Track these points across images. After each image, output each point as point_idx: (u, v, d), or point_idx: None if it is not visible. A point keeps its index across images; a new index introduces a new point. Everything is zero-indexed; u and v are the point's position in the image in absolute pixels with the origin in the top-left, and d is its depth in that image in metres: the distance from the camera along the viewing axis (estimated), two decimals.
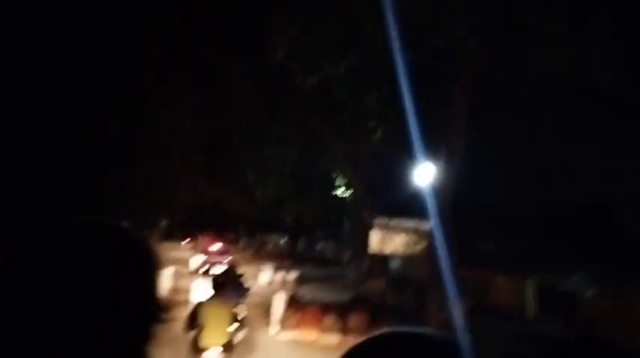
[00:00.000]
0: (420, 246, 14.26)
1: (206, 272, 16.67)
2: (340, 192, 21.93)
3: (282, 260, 39.35)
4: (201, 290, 11.64)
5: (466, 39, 9.66)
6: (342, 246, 39.77)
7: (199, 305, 7.53)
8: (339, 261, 38.94)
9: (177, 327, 7.44)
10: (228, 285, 8.94)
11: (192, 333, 7.32)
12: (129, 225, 0.95)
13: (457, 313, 14.39)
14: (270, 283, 23.97)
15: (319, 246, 49.77)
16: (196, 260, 26.95)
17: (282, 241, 50.03)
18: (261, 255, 44.14)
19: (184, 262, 29.46)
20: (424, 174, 14.71)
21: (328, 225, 41.67)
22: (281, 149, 24.91)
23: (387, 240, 14.69)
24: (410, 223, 14.64)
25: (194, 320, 7.33)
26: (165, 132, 27.03)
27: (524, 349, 14.68)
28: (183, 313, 7.70)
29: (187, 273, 23.87)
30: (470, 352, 0.73)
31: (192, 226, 41.18)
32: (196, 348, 7.32)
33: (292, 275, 24.42)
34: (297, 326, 12.79)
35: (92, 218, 0.86)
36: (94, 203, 28.76)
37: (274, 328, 13.24)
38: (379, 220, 15.16)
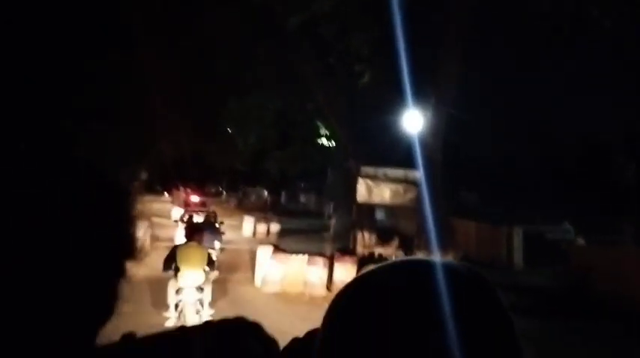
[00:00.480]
0: (409, 196, 13.69)
1: (187, 221, 17.08)
2: (324, 141, 21.18)
3: (265, 212, 38.96)
4: (181, 237, 11.60)
5: None
6: (325, 197, 39.34)
7: (176, 247, 8.13)
8: (322, 213, 38.59)
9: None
10: (205, 231, 9.55)
11: (170, 272, 7.77)
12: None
13: None
14: (253, 235, 23.49)
15: (302, 198, 49.38)
16: (177, 211, 26.44)
17: (265, 193, 49.53)
18: (244, 208, 43.65)
19: (165, 213, 28.90)
20: (413, 122, 14.08)
21: (311, 176, 41.24)
22: (262, 96, 24.13)
23: (374, 190, 14.09)
24: (398, 172, 14.02)
25: (171, 260, 7.79)
26: (144, 81, 25.91)
27: (513, 299, 14.41)
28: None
29: (168, 224, 23.39)
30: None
31: (173, 179, 40.37)
32: (175, 286, 7.81)
33: (275, 227, 23.94)
34: (282, 278, 12.27)
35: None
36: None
37: (259, 281, 12.72)
38: (366, 169, 14.51)
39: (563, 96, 14.92)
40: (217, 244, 14.24)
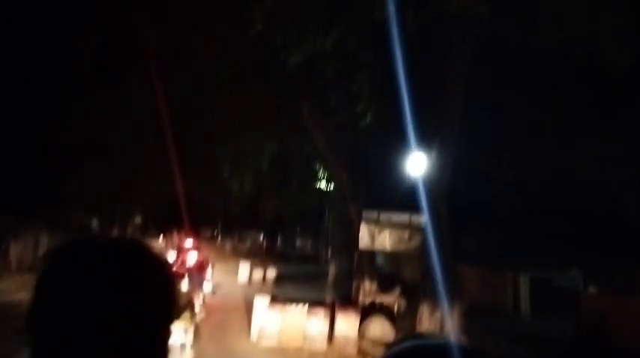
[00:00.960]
0: (414, 243, 12.93)
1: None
2: (322, 184, 20.53)
3: (261, 257, 38.01)
4: None
5: (478, 4, 8.37)
6: (322, 242, 38.45)
7: None
8: (319, 257, 37.69)
9: None
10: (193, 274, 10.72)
11: None
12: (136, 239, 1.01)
13: (453, 314, 13.17)
14: (249, 282, 22.57)
15: (299, 242, 48.47)
16: (171, 256, 25.47)
17: (261, 238, 48.61)
18: (239, 252, 42.68)
19: None
20: (416, 165, 13.42)
21: (308, 220, 40.35)
22: (258, 138, 23.55)
23: (378, 236, 13.33)
24: (402, 217, 13.30)
25: None
26: (135, 121, 25.38)
27: (523, 351, 13.52)
28: None
29: None
30: None
31: (167, 223, 39.53)
32: None
33: (272, 273, 23.05)
34: (280, 331, 11.39)
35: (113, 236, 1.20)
36: (63, 199, 27.05)
37: (255, 334, 11.82)
38: (368, 214, 13.79)
39: (572, 136, 14.32)
40: (207, 287, 15.16)
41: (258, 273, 22.66)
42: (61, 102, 25.30)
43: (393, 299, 17.58)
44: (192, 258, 17.16)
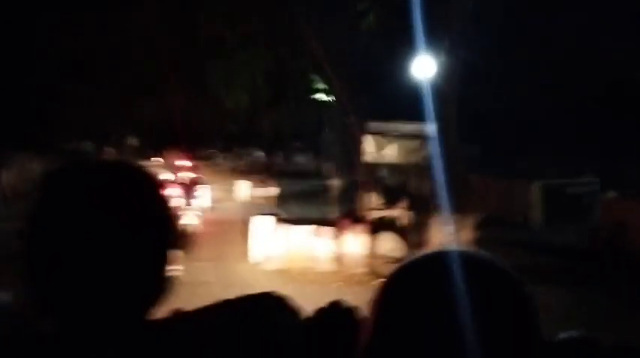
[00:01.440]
0: (423, 153, 12.00)
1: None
2: (322, 96, 19.30)
3: (260, 174, 37.27)
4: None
5: None
6: (323, 157, 37.57)
7: None
8: (320, 173, 36.92)
9: None
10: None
11: None
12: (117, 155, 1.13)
13: (465, 226, 12.49)
14: (249, 200, 21.88)
15: (298, 159, 47.65)
16: (165, 174, 24.77)
17: (259, 155, 47.75)
18: (238, 171, 41.92)
19: None
20: (423, 69, 12.28)
21: (307, 136, 39.35)
22: (250, 51, 22.24)
23: (385, 148, 12.39)
24: (410, 127, 12.28)
25: None
26: (123, 37, 23.87)
27: (539, 262, 12.90)
28: None
29: None
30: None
31: (162, 143, 38.58)
32: None
33: (272, 190, 22.30)
34: (284, 253, 10.69)
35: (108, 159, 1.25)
36: (55, 122, 25.89)
37: (255, 255, 11.11)
38: (374, 125, 12.77)
39: (592, 34, 13.05)
40: (204, 202, 15.74)
41: (258, 191, 21.91)
42: (43, 16, 23.72)
43: (400, 213, 16.92)
44: (185, 175, 17.88)
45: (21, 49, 23.19)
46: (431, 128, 11.84)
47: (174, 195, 14.52)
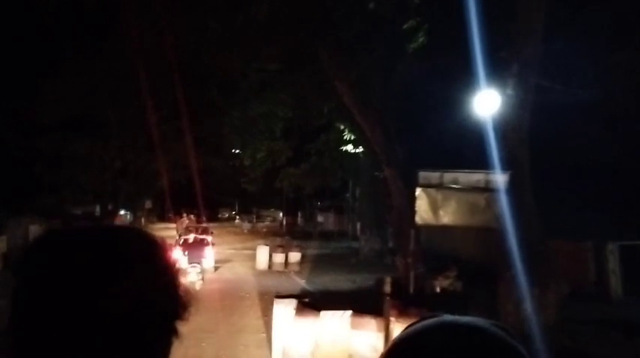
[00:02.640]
0: (490, 211, 9.02)
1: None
2: (349, 148, 16.50)
3: (281, 236, 34.42)
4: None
5: None
6: (346, 217, 34.62)
7: None
8: (344, 234, 33.88)
9: None
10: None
11: None
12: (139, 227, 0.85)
13: (544, 301, 9.38)
14: (269, 267, 18.91)
15: (320, 219, 44.66)
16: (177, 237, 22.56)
17: (280, 215, 44.94)
18: (258, 233, 39.12)
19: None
20: (485, 105, 9.50)
21: (329, 194, 36.43)
22: (267, 97, 19.74)
23: (443, 205, 9.46)
24: (476, 177, 9.36)
25: None
26: (131, 93, 21.64)
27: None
28: None
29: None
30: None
31: (178, 205, 36.06)
32: None
33: (295, 255, 19.33)
34: (313, 350, 7.65)
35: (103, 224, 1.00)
36: (62, 184, 23.48)
37: (277, 354, 8.03)
38: (425, 175, 9.86)
39: None
40: (207, 263, 15.29)
41: (279, 257, 18.98)
42: (45, 74, 21.74)
43: (448, 283, 13.86)
44: (195, 237, 18.22)
45: (25, 111, 21.00)
46: (499, 178, 8.93)
47: (180, 257, 14.98)
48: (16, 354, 0.71)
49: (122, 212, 34.14)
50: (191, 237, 18.68)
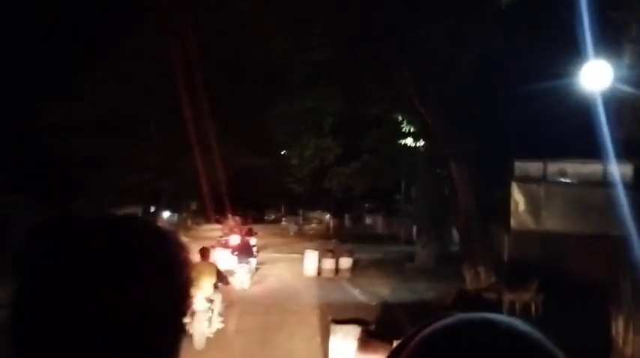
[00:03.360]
0: (608, 214, 6.89)
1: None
2: (409, 141, 14.44)
3: (328, 239, 32.60)
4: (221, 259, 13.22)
5: None
6: (397, 219, 32.52)
7: (195, 264, 8.11)
8: (395, 236, 31.79)
9: None
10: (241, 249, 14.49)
11: None
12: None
13: None
14: (318, 273, 17.10)
15: (368, 221, 42.62)
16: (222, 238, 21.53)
17: (327, 217, 43.11)
18: (304, 235, 37.39)
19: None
20: (595, 80, 7.39)
21: (377, 194, 34.23)
22: (315, 96, 18.04)
23: (547, 205, 7.38)
24: (590, 168, 7.24)
25: None
26: (167, 89, 20.23)
27: None
28: None
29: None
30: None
31: (222, 206, 34.69)
32: None
33: (344, 262, 17.43)
34: None
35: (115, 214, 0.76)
36: (100, 185, 22.24)
37: None
38: (525, 166, 7.79)
39: None
40: (247, 266, 14.30)
41: (328, 263, 17.12)
42: (81, 69, 20.52)
43: (529, 296, 11.74)
44: (235, 239, 17.60)
45: (60, 109, 19.79)
46: (619, 169, 6.81)
47: (224, 257, 14.87)
48: (17, 353, 0.65)
49: (167, 213, 32.92)
50: (235, 238, 18.07)
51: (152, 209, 24.44)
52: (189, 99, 20.98)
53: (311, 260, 17.14)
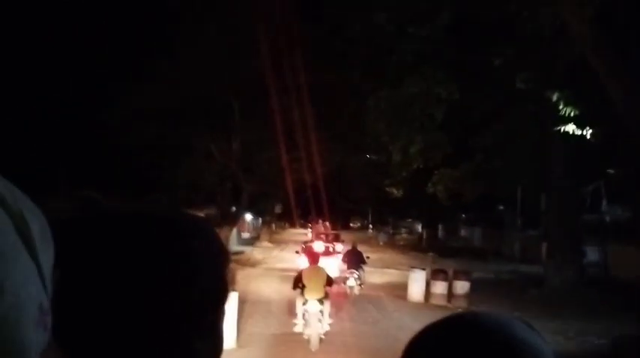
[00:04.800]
0: None
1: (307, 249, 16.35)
2: (570, 128, 10.15)
3: (421, 252, 28.45)
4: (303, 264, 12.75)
5: None
6: (506, 232, 27.70)
7: (302, 270, 9.54)
8: (498, 253, 27.00)
9: None
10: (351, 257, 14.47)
11: (298, 290, 9.09)
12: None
13: None
14: (425, 300, 13.16)
15: (463, 232, 37.80)
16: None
17: (418, 227, 38.81)
18: (395, 246, 33.40)
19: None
20: None
21: (477, 203, 29.55)
22: (426, 78, 14.44)
23: None
24: None
25: (298, 281, 9.13)
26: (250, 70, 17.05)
27: None
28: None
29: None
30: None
31: (307, 211, 31.42)
32: (302, 300, 8.96)
33: (462, 286, 13.38)
34: None
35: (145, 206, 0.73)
36: (172, 183, 19.37)
37: None
38: None
39: None
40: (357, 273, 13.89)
41: (439, 286, 13.06)
42: (159, 53, 17.78)
43: None
44: (319, 246, 17.23)
45: (135, 97, 17.04)
46: None
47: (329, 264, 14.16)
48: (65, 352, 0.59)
49: (249, 216, 29.93)
50: (319, 244, 17.69)
51: (232, 210, 21.27)
52: (276, 86, 17.66)
53: (418, 282, 13.25)
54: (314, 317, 8.65)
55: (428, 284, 13.38)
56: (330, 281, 9.21)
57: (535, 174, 17.87)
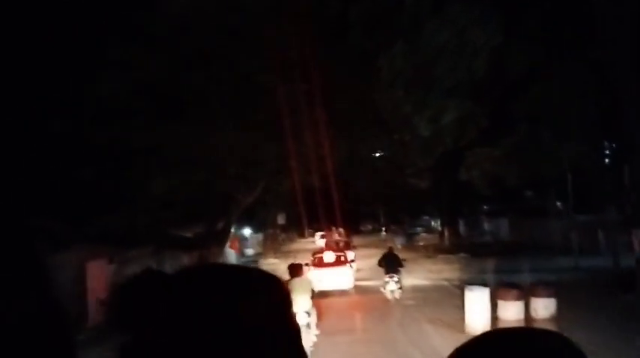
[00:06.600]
0: None
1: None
2: None
3: (447, 253, 24.00)
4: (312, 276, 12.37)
5: None
6: (554, 223, 22.98)
7: (287, 282, 8.29)
8: (545, 247, 22.27)
9: None
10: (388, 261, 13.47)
11: None
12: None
13: None
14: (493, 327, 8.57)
15: (487, 226, 33.13)
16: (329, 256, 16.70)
17: (436, 224, 34.22)
18: (415, 247, 28.83)
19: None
20: None
21: (505, 191, 24.89)
22: (456, 22, 10.19)
23: None
24: None
25: None
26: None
27: None
28: None
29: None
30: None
31: (312, 218, 27.00)
32: None
33: (545, 305, 8.83)
34: None
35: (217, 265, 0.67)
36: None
37: None
38: None
39: None
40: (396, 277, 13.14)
41: (512, 308, 8.63)
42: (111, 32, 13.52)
43: None
44: (328, 256, 16.18)
45: (83, 89, 12.81)
46: None
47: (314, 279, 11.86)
48: None
49: (247, 231, 25.40)
50: (329, 254, 16.31)
51: (219, 226, 16.79)
52: (270, 59, 13.26)
53: (479, 305, 8.71)
54: (301, 328, 6.09)
55: (495, 307, 8.88)
56: (313, 293, 9.04)
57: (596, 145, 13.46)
